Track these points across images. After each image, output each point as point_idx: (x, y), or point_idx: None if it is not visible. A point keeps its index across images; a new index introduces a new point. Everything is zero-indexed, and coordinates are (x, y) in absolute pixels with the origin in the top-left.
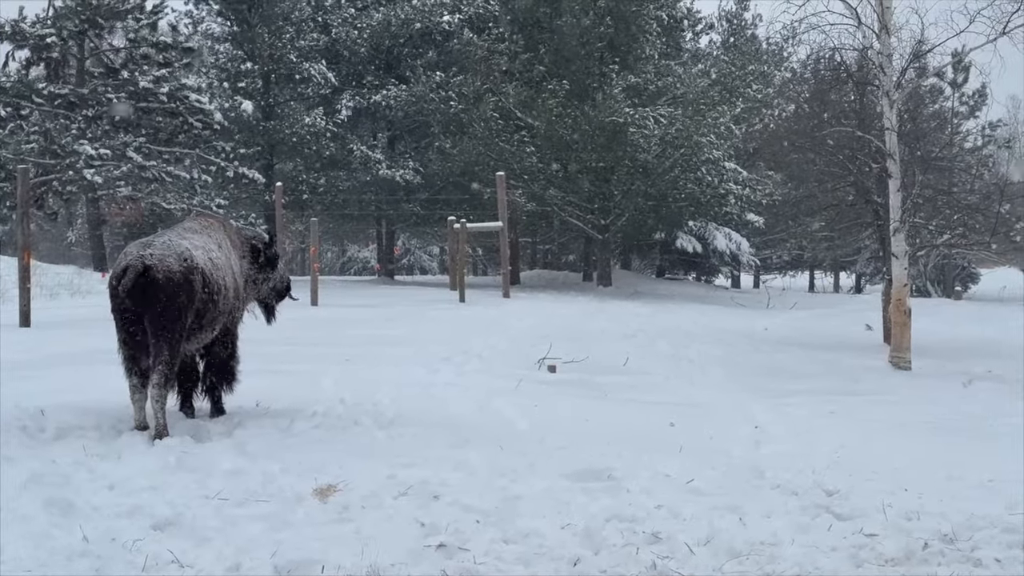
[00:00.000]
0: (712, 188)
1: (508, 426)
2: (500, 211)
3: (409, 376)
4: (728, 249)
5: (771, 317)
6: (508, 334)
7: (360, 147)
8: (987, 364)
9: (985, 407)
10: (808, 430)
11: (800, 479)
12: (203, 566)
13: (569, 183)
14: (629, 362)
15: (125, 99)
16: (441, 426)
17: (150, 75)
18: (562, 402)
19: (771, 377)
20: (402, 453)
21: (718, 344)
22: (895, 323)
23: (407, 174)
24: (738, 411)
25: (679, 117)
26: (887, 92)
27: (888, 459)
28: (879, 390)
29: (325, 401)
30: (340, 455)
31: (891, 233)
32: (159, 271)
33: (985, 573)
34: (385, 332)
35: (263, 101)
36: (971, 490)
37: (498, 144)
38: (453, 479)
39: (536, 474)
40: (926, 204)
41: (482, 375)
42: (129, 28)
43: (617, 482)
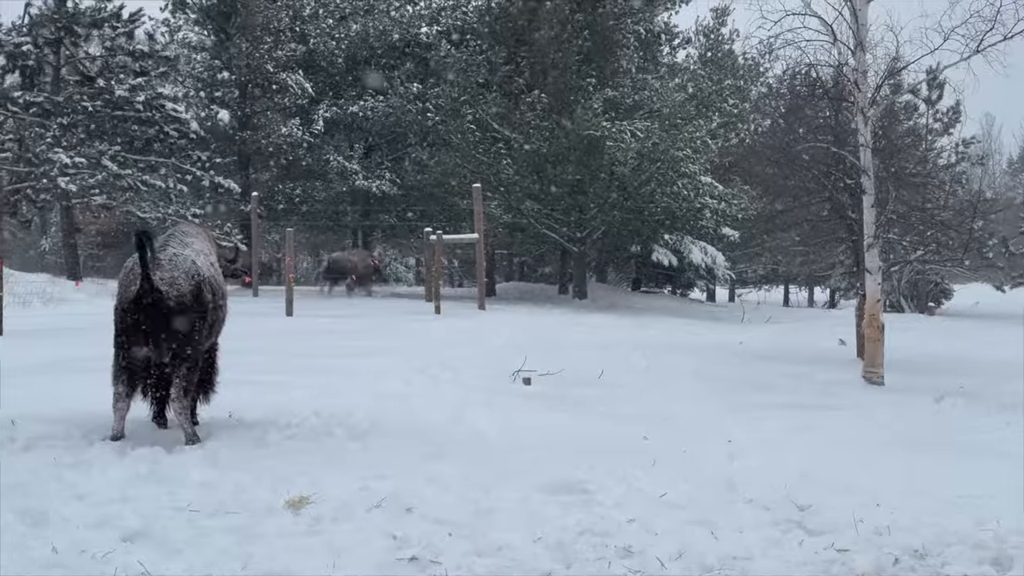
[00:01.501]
0: (688, 202)
1: (482, 438)
2: (476, 223)
3: (384, 387)
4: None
5: (746, 331)
6: (483, 346)
7: (336, 158)
8: (959, 380)
9: (956, 423)
10: (781, 444)
11: (772, 493)
12: None
13: (546, 196)
14: (604, 375)
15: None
16: (415, 438)
17: (126, 83)
18: (536, 414)
19: (745, 391)
20: (375, 465)
21: (693, 357)
22: (868, 338)
23: (383, 185)
24: (712, 425)
25: (656, 131)
26: (862, 108)
27: (860, 474)
28: (852, 405)
29: (298, 412)
30: (313, 466)
31: (865, 248)
32: (171, 298)
33: None
34: (360, 343)
35: (240, 111)
36: (942, 505)
37: (475, 156)
38: (426, 491)
39: (509, 487)
40: (900, 220)
41: (456, 387)
42: (105, 36)
43: (590, 495)
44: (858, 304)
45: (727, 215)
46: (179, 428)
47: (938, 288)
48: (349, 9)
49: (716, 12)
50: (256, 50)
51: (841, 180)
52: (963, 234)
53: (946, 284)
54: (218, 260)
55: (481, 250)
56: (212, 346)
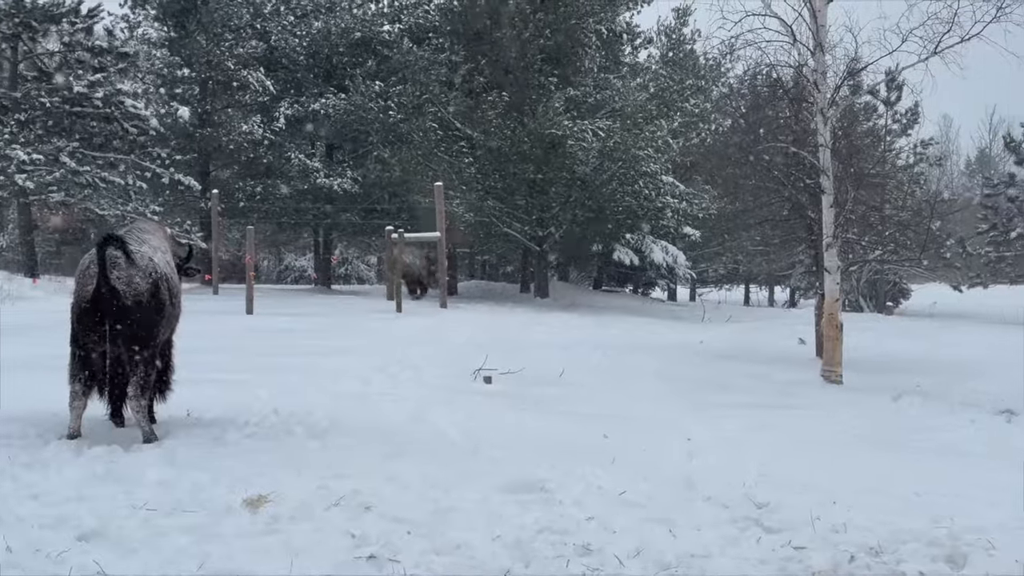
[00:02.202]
0: (649, 201)
1: (442, 437)
2: (438, 222)
3: (344, 386)
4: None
5: (706, 330)
6: (444, 345)
7: (298, 155)
8: (916, 379)
9: (913, 421)
10: (740, 443)
11: (731, 492)
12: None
13: (508, 194)
14: (565, 374)
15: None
16: (375, 437)
17: (85, 80)
18: (497, 413)
19: (705, 390)
20: (334, 464)
21: (654, 356)
22: (827, 337)
23: (345, 183)
24: (672, 423)
25: (617, 130)
26: (821, 109)
27: (818, 472)
28: (810, 404)
29: (258, 411)
30: (271, 466)
31: (824, 248)
32: (128, 296)
33: None
34: (321, 342)
35: (200, 108)
36: (898, 503)
37: (437, 155)
38: (385, 490)
39: (469, 486)
40: (859, 220)
41: (417, 386)
42: (64, 32)
43: (550, 494)
44: (817, 303)
45: (688, 214)
46: (136, 427)
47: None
48: (310, 7)
49: (678, 12)
50: (216, 47)
51: (801, 180)
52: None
53: (904, 284)
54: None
55: (443, 249)
56: (168, 343)
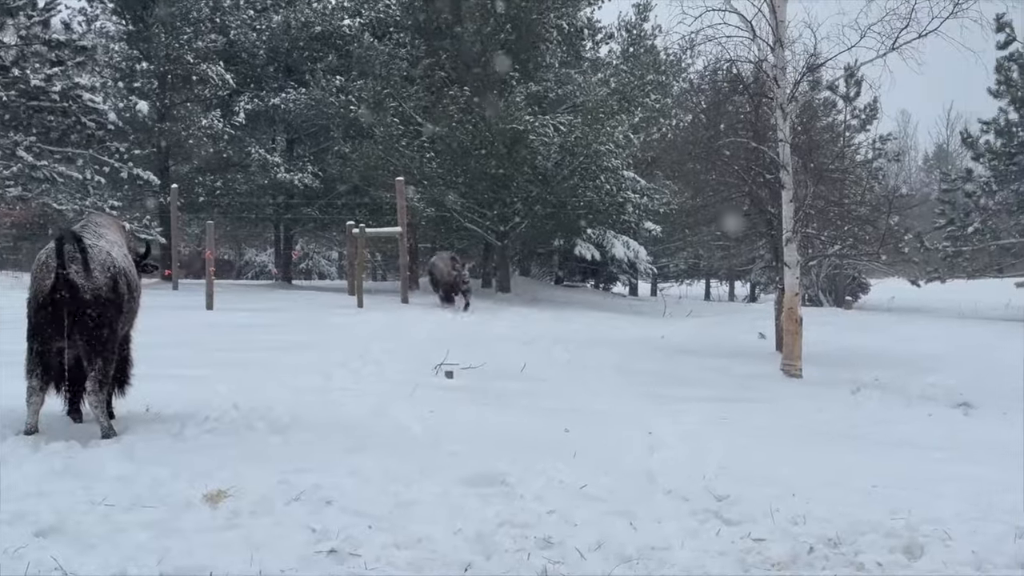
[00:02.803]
0: (611, 196)
1: (403, 431)
2: (399, 216)
3: (305, 381)
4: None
5: (668, 325)
6: (406, 340)
7: (258, 150)
8: (875, 372)
9: (872, 415)
10: (700, 436)
11: (691, 485)
12: (87, 573)
13: (469, 189)
14: (526, 368)
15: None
16: (336, 431)
17: (42, 73)
18: (458, 408)
19: (666, 384)
20: (295, 458)
21: (615, 351)
22: (787, 331)
23: (306, 178)
24: (633, 418)
25: (578, 125)
26: (781, 104)
27: (777, 465)
28: (770, 397)
29: (218, 406)
30: (232, 460)
31: (784, 243)
32: (87, 291)
33: None
34: (282, 337)
35: (159, 102)
36: (856, 495)
37: (398, 149)
38: (346, 484)
39: (430, 479)
40: (818, 215)
41: (378, 380)
42: (20, 25)
43: (511, 488)
44: (777, 298)
45: (649, 210)
46: (95, 422)
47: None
48: (270, 1)
49: (638, 8)
50: (175, 40)
51: (761, 175)
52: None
53: (863, 278)
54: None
55: (404, 243)
56: (125, 338)
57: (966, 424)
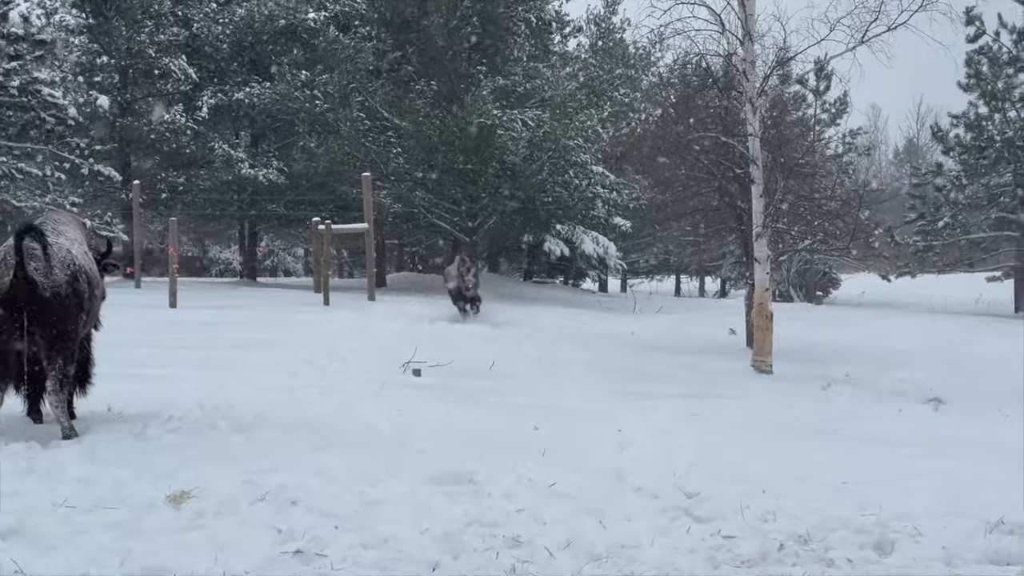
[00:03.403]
0: (580, 192)
1: (370, 430)
2: (366, 212)
3: (270, 380)
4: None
5: (638, 321)
6: (373, 337)
7: (222, 145)
8: (845, 368)
9: (842, 410)
10: (670, 433)
11: (661, 482)
12: (49, 575)
13: (436, 185)
14: (495, 366)
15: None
16: (301, 430)
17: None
18: (426, 406)
19: (636, 381)
20: (260, 458)
21: (584, 348)
22: (757, 327)
23: (271, 174)
24: (603, 415)
25: (547, 120)
26: (750, 98)
27: (747, 462)
28: (741, 394)
29: (182, 405)
30: (195, 460)
31: (754, 238)
32: (46, 288)
33: (837, 573)
34: (246, 335)
35: (120, 96)
36: (826, 492)
37: (364, 144)
38: (312, 484)
39: (397, 478)
40: (788, 210)
41: (345, 379)
42: None
43: (479, 486)
44: (747, 294)
45: (619, 205)
46: (55, 422)
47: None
48: None
49: (607, 1)
50: (136, 34)
51: (731, 170)
52: (850, 224)
53: (834, 273)
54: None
55: (371, 240)
56: (87, 337)
57: (937, 420)
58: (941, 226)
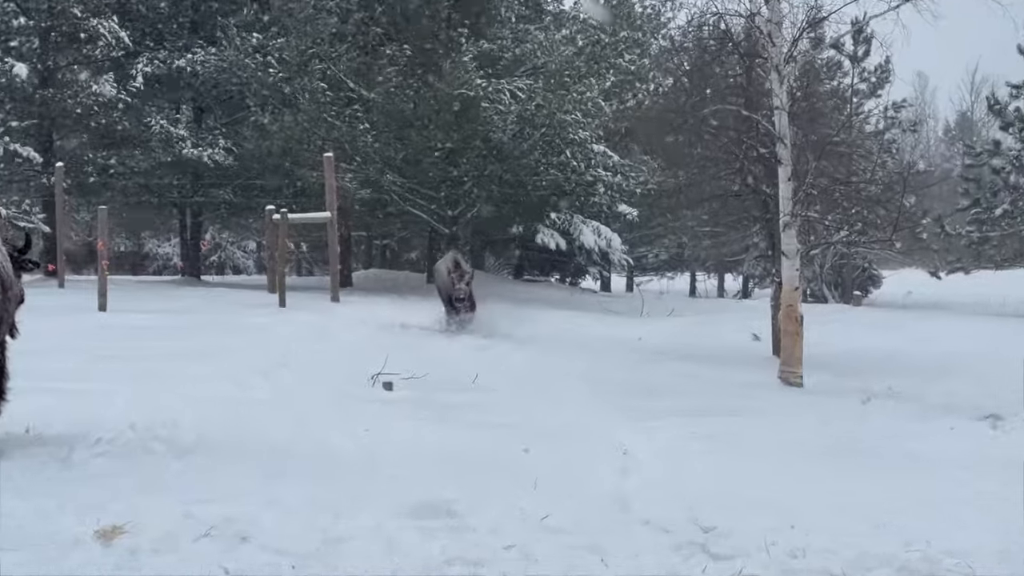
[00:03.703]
0: (578, 175)
1: (333, 453)
2: (328, 199)
3: (216, 394)
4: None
5: (646, 325)
6: (337, 345)
7: (160, 121)
8: (888, 380)
9: (884, 429)
10: (683, 456)
11: (672, 513)
12: None
13: (411, 167)
14: (479, 378)
15: None
16: (252, 454)
17: None
18: (398, 425)
19: (643, 395)
20: (203, 486)
21: (583, 357)
22: (785, 332)
23: (217, 154)
24: (604, 435)
25: (540, 91)
26: (776, 66)
27: (773, 490)
28: (766, 410)
29: (112, 425)
30: (128, 489)
31: (781, 228)
32: None
33: None
34: (189, 343)
35: (40, 64)
36: (865, 524)
37: (326, 120)
38: (265, 517)
39: (364, 510)
40: (822, 195)
41: (304, 394)
42: None
43: (460, 519)
44: (774, 293)
45: (624, 190)
46: None
47: (865, 274)
48: None
49: None
50: None
51: (754, 149)
52: (893, 211)
53: (874, 270)
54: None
55: (334, 231)
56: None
57: (993, 439)
58: (999, 214)
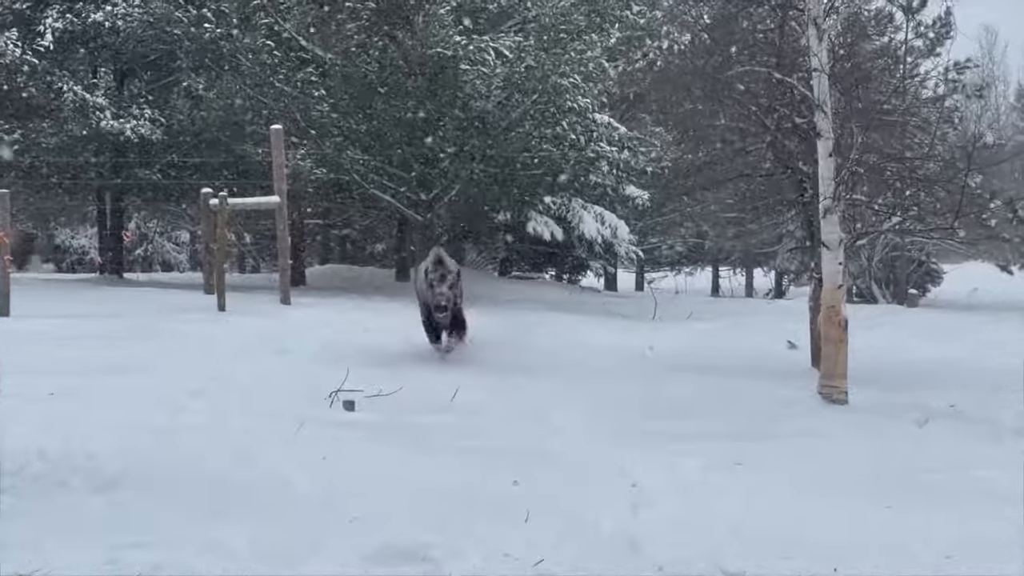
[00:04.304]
0: (577, 150)
1: (284, 488)
2: (276, 181)
3: (142, 417)
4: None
5: (658, 331)
6: (288, 357)
7: (73, 87)
8: (949, 396)
9: (945, 454)
10: (704, 489)
11: (691, 556)
12: None
13: (376, 142)
14: (458, 396)
15: None
16: (187, 488)
17: None
18: (363, 452)
19: (656, 416)
20: (128, 527)
21: (583, 370)
22: (826, 339)
23: (142, 127)
24: (608, 463)
25: (531, 49)
26: (815, 19)
27: (812, 527)
28: (803, 432)
29: (17, 454)
30: (37, 531)
31: (821, 214)
32: None
33: None
34: (109, 354)
35: None
36: (922, 568)
37: (274, 85)
38: (201, 564)
39: (321, 555)
40: (869, 174)
41: (248, 416)
42: None
43: (436, 565)
44: (812, 292)
45: (632, 168)
46: None
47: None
48: None
49: None
50: None
51: (788, 119)
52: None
53: (933, 263)
54: None
55: (284, 220)
56: None
57: None
58: None
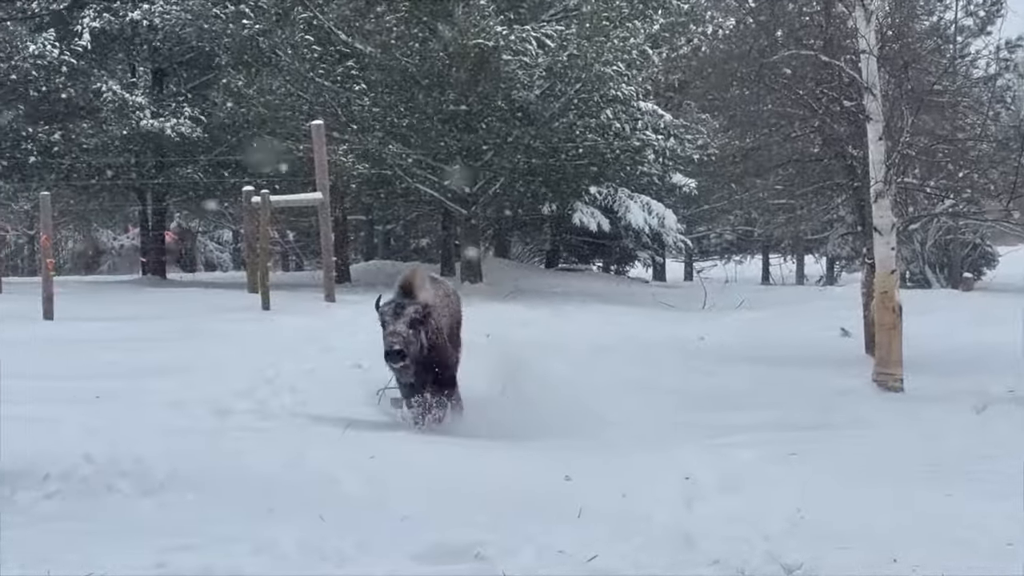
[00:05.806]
0: (622, 139)
1: (332, 487)
2: (319, 177)
3: (188, 420)
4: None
5: (709, 321)
6: (333, 355)
7: (112, 87)
8: (1007, 381)
9: (1005, 441)
10: (759, 480)
11: (748, 550)
12: None
13: (418, 135)
14: (507, 389)
15: None
16: (234, 490)
17: None
18: (411, 450)
19: (708, 407)
20: (177, 530)
21: (634, 362)
22: (880, 326)
23: (182, 126)
24: (662, 456)
25: (573, 38)
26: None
27: (870, 518)
28: (859, 421)
29: (64, 458)
30: (85, 537)
31: (872, 199)
32: None
33: None
34: (153, 356)
35: None
36: (984, 559)
37: (314, 80)
38: (252, 566)
39: (372, 555)
40: (921, 157)
41: (295, 416)
42: None
43: (489, 563)
44: (865, 278)
45: (679, 156)
46: None
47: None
48: None
49: None
50: None
51: (837, 102)
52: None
53: (988, 247)
54: None
55: (327, 216)
56: None
57: None
58: None
